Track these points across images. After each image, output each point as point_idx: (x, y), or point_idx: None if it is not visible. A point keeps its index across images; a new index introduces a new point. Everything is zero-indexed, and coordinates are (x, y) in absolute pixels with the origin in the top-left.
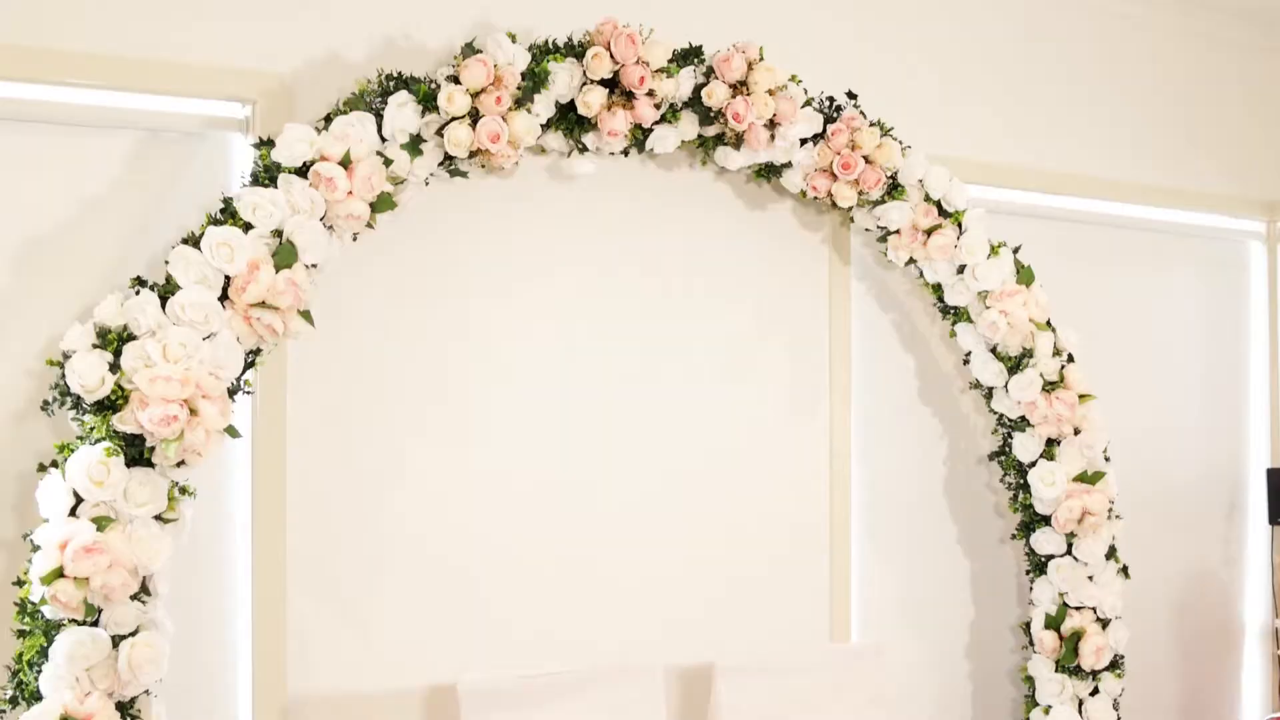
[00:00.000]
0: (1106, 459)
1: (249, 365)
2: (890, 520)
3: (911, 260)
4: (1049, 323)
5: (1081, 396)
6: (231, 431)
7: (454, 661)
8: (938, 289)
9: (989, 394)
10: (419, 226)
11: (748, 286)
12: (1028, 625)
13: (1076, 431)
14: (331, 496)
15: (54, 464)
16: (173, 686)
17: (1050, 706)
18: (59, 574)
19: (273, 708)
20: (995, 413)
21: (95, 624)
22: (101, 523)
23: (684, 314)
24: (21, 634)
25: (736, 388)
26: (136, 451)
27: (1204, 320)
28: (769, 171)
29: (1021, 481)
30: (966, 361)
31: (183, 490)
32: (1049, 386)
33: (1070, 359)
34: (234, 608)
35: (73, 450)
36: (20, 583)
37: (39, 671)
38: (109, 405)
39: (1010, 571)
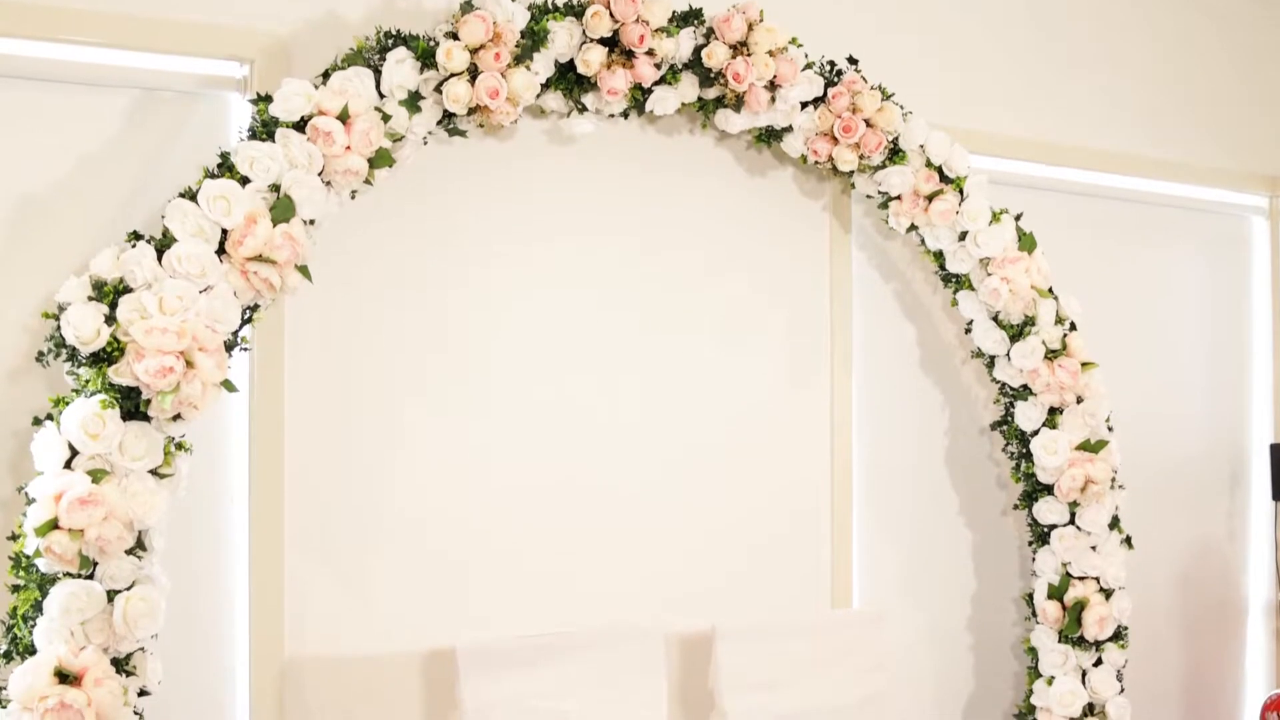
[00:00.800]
0: (1109, 428)
1: (246, 321)
2: (891, 491)
3: (913, 227)
4: (1051, 290)
5: (1084, 364)
6: (228, 385)
7: (452, 626)
8: (939, 256)
9: (991, 363)
10: (418, 190)
11: (747, 254)
12: (1030, 597)
13: (1079, 400)
14: (330, 460)
15: (49, 417)
16: (169, 647)
17: (1053, 677)
18: (53, 525)
19: (270, 669)
20: (997, 382)
21: (90, 578)
22: (97, 475)
23: (683, 280)
24: (16, 589)
25: (736, 355)
26: (132, 405)
27: (1207, 295)
28: (769, 136)
29: (1024, 450)
30: (968, 330)
31: (179, 446)
32: (1051, 354)
33: (1073, 327)
34: (231, 570)
35: (68, 404)
36: (15, 537)
37: (33, 626)
38: (104, 357)
39: (1012, 544)
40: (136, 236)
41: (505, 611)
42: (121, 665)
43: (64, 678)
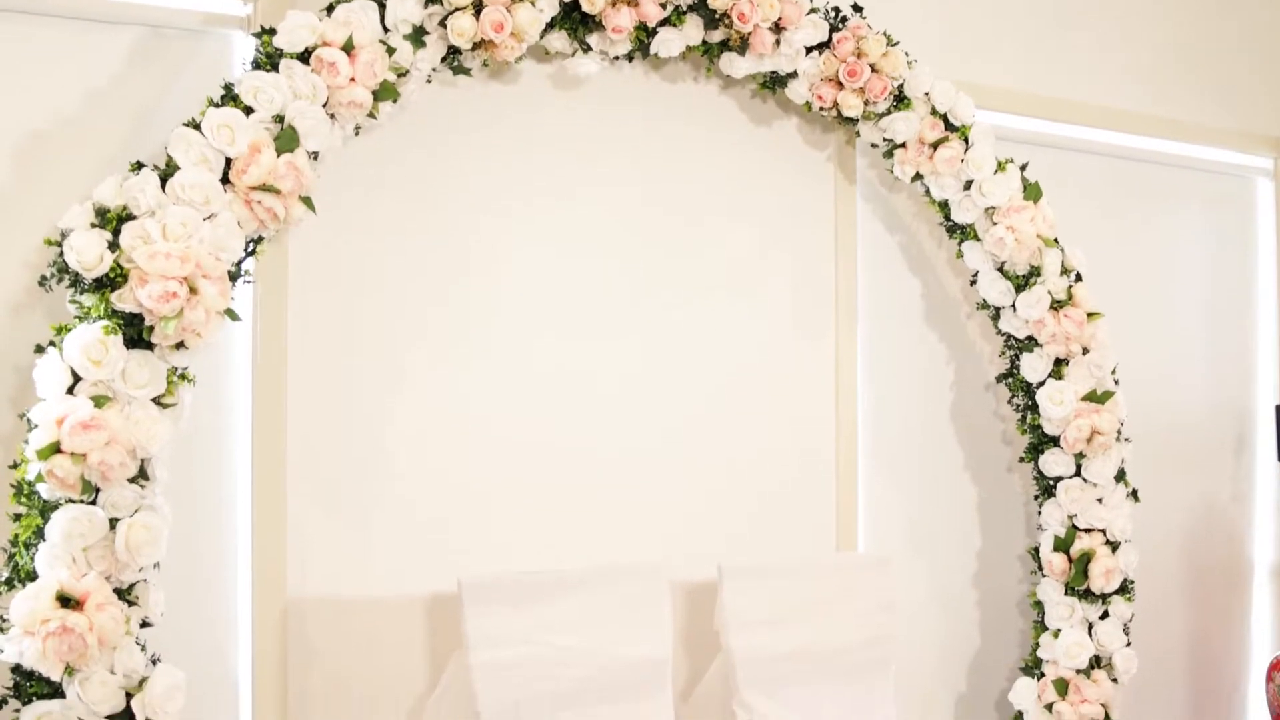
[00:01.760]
0: (1115, 381)
1: (250, 254)
2: (896, 444)
3: (918, 176)
4: (1056, 241)
5: (1090, 315)
6: (231, 314)
7: (454, 570)
8: (944, 206)
9: (996, 314)
10: (422, 135)
11: (752, 204)
12: (1036, 551)
13: (1085, 351)
14: (332, 401)
15: (51, 344)
16: (171, 588)
17: (1059, 630)
18: (55, 449)
19: (272, 609)
20: (1003, 334)
21: (93, 504)
22: (99, 401)
23: (687, 229)
24: (17, 517)
25: (740, 305)
26: (135, 332)
27: (1211, 257)
28: (774, 82)
29: (1029, 402)
30: (973, 283)
31: (182, 376)
32: (1057, 305)
33: (1078, 278)
34: (234, 509)
35: (70, 330)
36: (16, 465)
37: (35, 553)
38: (107, 283)
39: (1017, 500)
40: (140, 166)
41: (508, 556)
42: (124, 595)
43: (66, 602)
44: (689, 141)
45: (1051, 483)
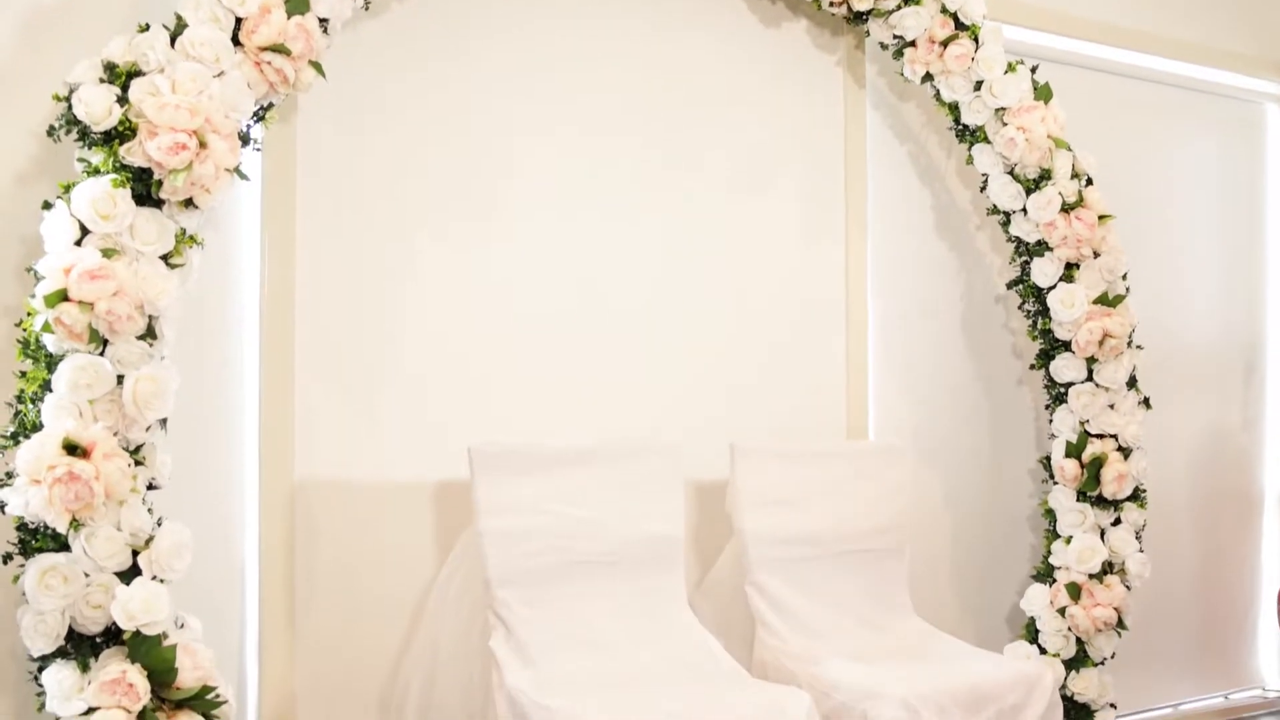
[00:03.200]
0: (1126, 287)
1: (259, 118)
2: (906, 352)
3: (928, 77)
4: (1067, 144)
5: (1101, 217)
6: (240, 173)
7: (463, 458)
8: (954, 109)
9: (1006, 219)
10: (434, 17)
11: (762, 109)
12: (1047, 460)
13: (1096, 255)
14: (341, 283)
15: (59, 200)
16: (178, 466)
17: (1071, 537)
18: (63, 296)
19: (279, 491)
20: (1013, 240)
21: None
22: (108, 253)
23: (698, 133)
24: (23, 374)
25: (751, 209)
26: (143, 188)
27: (1221, 182)
28: None
29: (1040, 308)
30: (983, 188)
31: (190, 238)
32: (1067, 207)
33: (1089, 182)
34: (241, 390)
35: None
36: (25, 329)
37: (41, 407)
38: (116, 136)
39: (1028, 415)
40: (148, 26)
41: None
42: (131, 456)
43: (72, 450)
44: (700, 45)
45: (1063, 389)
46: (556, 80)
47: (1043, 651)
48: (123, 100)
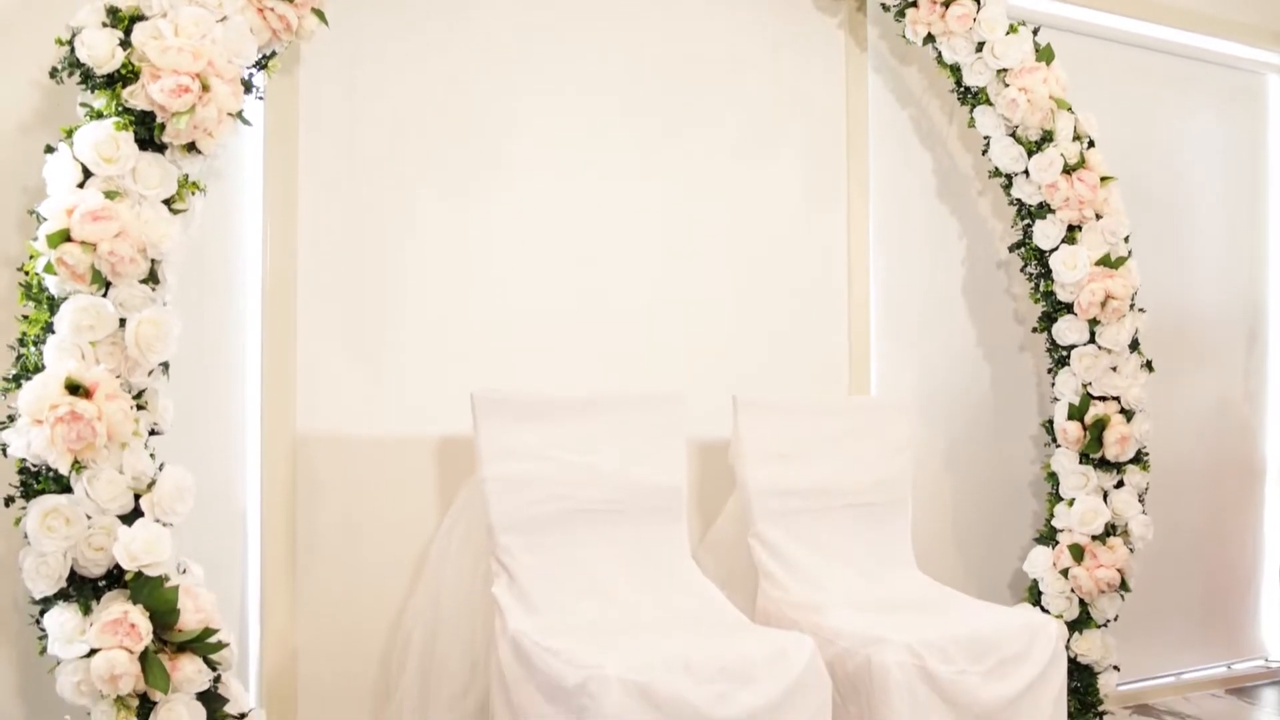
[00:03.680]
0: (1129, 249)
1: (262, 65)
2: (908, 316)
3: (929, 39)
4: (1069, 105)
5: (1103, 179)
6: (242, 118)
7: (465, 413)
8: (956, 71)
9: (1008, 181)
10: None
11: (763, 71)
12: (1050, 423)
13: (1098, 217)
14: (343, 242)
15: (62, 144)
16: (179, 419)
17: (1074, 499)
18: (65, 237)
19: (282, 444)
20: (1015, 202)
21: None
22: (111, 194)
23: (699, 95)
24: (25, 319)
25: (753, 171)
26: (146, 132)
27: (1223, 152)
28: None
29: (1042, 270)
30: (985, 151)
31: (193, 184)
32: (1069, 168)
33: (1091, 144)
34: (243, 344)
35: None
36: (24, 268)
37: (43, 349)
38: (119, 79)
39: (1030, 381)
40: None
41: None
42: (133, 400)
43: (75, 390)
44: (699, 4)
45: (1065, 352)
46: (557, 41)
47: (1046, 614)
48: (125, 44)
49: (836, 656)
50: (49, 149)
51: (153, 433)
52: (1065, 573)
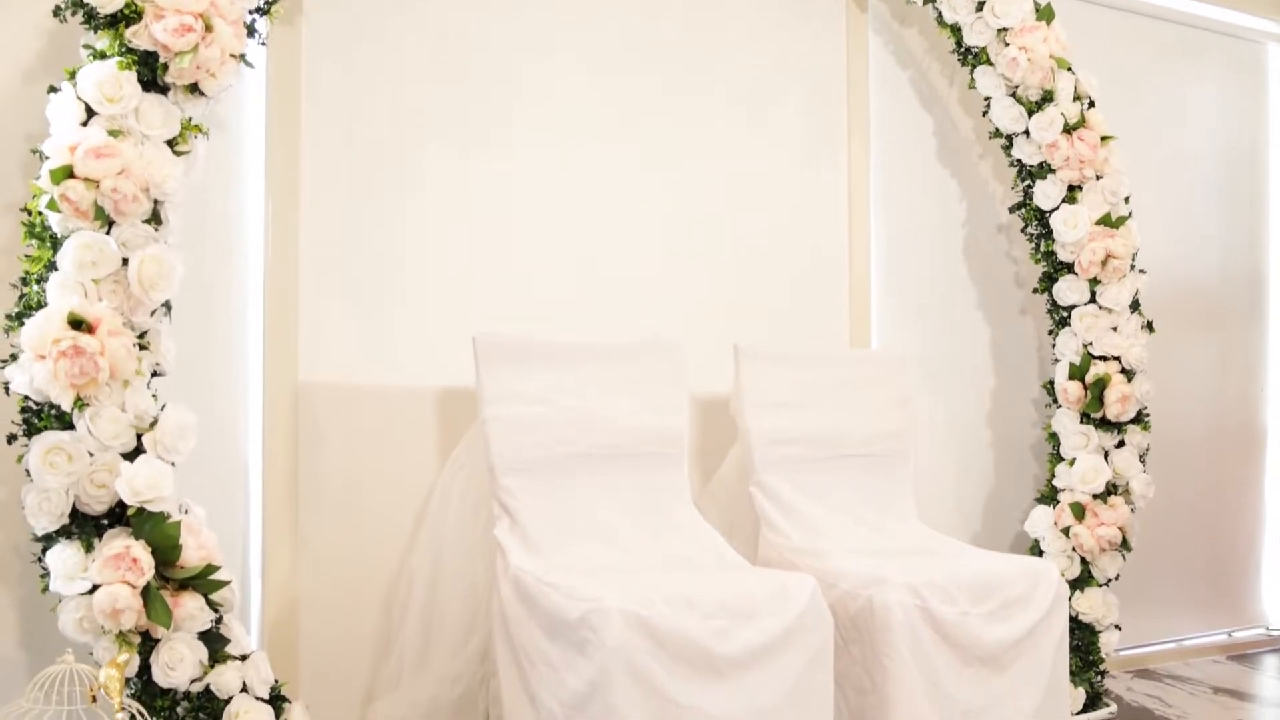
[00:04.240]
0: (1129, 209)
1: (264, 11)
2: (909, 278)
3: None
4: (1069, 64)
5: (1103, 138)
6: (245, 60)
7: (466, 366)
8: (956, 31)
9: (1009, 142)
10: None
11: (764, 32)
12: (1050, 384)
13: (1098, 177)
14: (346, 193)
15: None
16: (181, 368)
17: (1075, 459)
18: (68, 173)
19: (284, 392)
20: (1015, 163)
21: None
22: (114, 133)
23: (699, 55)
24: (29, 258)
25: (756, 129)
26: (149, 73)
27: (1223, 120)
28: None
29: (1043, 230)
30: (986, 113)
31: (196, 127)
32: (1070, 128)
33: (1091, 104)
34: (245, 294)
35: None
36: (29, 211)
37: (46, 287)
38: (122, 19)
39: (1030, 344)
40: None
41: None
42: (136, 340)
43: (77, 326)
44: None
45: (1066, 312)
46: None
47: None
48: None
49: (839, 599)
50: (52, 89)
51: (155, 374)
52: (1066, 531)
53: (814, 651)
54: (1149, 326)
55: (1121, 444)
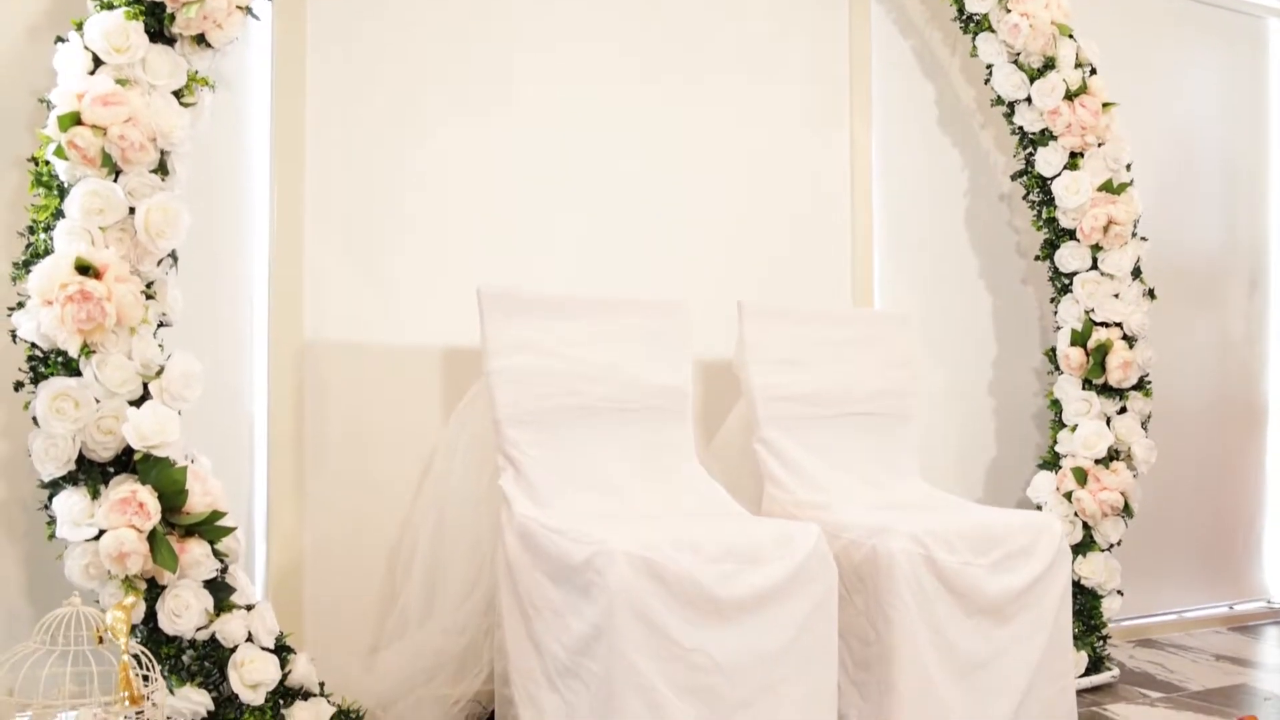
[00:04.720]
0: (1130, 176)
1: None
2: (910, 247)
3: None
4: (1070, 30)
5: (1105, 105)
6: (250, 12)
7: (471, 324)
8: None
9: (1010, 110)
10: None
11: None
12: (1053, 352)
13: (1100, 144)
14: (351, 150)
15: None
16: (187, 323)
17: (1077, 425)
18: (76, 120)
19: (288, 349)
20: (1017, 130)
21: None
22: (121, 82)
23: (703, 21)
24: (36, 207)
25: (757, 95)
26: (156, 24)
27: (1224, 94)
28: None
29: (1045, 197)
30: (988, 81)
31: (202, 79)
32: (1071, 94)
33: (1093, 71)
34: (251, 252)
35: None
36: (36, 160)
37: (53, 235)
38: None
39: (1032, 313)
40: None
41: None
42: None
43: (84, 272)
44: None
45: (1068, 279)
46: None
47: None
48: None
49: (843, 549)
50: (59, 39)
51: (161, 324)
52: (1069, 496)
53: (819, 598)
54: (1150, 294)
55: (1123, 410)
